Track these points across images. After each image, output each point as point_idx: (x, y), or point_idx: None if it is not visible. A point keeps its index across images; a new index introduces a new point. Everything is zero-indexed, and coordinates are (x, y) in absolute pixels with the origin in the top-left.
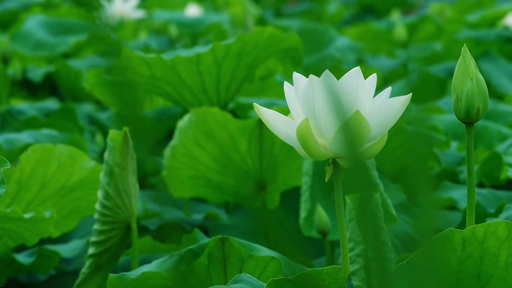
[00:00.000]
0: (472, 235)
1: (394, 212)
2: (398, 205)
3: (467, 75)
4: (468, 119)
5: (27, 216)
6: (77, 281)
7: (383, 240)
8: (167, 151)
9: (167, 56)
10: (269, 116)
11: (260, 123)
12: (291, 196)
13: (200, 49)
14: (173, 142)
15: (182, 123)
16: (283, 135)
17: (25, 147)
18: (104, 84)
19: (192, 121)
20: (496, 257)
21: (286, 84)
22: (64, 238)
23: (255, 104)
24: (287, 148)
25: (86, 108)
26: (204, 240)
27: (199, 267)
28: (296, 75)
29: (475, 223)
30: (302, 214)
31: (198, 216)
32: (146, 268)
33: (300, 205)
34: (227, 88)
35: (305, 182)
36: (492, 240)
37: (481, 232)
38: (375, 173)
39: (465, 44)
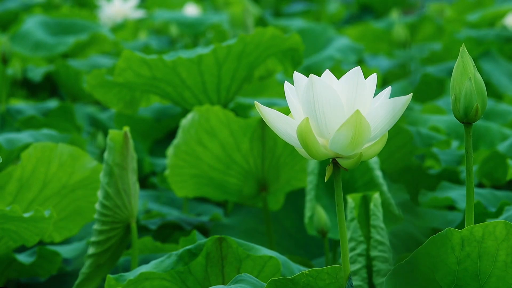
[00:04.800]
0: (471, 235)
1: (397, 211)
2: (398, 205)
3: (466, 75)
4: (466, 119)
5: (26, 215)
6: (77, 281)
7: (381, 240)
8: (170, 150)
9: (168, 57)
10: (270, 115)
11: (263, 123)
12: (292, 197)
13: (201, 50)
14: (176, 141)
15: (185, 121)
16: (284, 134)
17: (25, 147)
18: (104, 85)
19: (195, 119)
20: (495, 257)
21: (286, 84)
22: (64, 240)
23: (256, 102)
24: (290, 148)
25: (87, 108)
26: (202, 240)
27: (196, 267)
28: (297, 75)
29: (476, 222)
30: (307, 213)
31: (198, 216)
32: (144, 268)
33: (300, 205)
34: (227, 88)
35: (310, 181)
36: (490, 240)
37: (480, 232)
38: (378, 173)
39: (463, 44)
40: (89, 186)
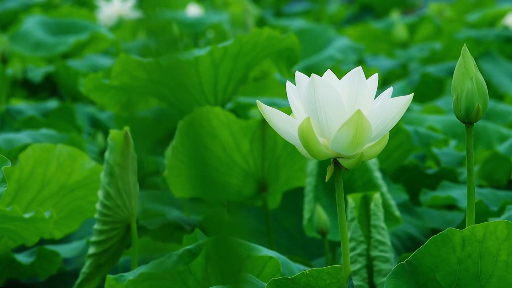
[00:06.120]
0: (472, 235)
1: (397, 213)
2: (399, 205)
3: (467, 75)
4: (468, 119)
5: (26, 216)
6: (78, 281)
7: (382, 240)
8: (168, 151)
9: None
10: (271, 114)
11: (263, 123)
12: (292, 196)
13: (198, 52)
14: (174, 142)
15: (183, 123)
16: (285, 133)
17: (24, 147)
18: (100, 88)
19: (194, 121)
20: (496, 257)
21: (288, 83)
22: (64, 239)
23: (258, 101)
24: (290, 149)
25: (86, 108)
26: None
27: (196, 267)
28: (299, 74)
29: (478, 221)
30: (306, 214)
31: (198, 216)
32: (143, 268)
33: (300, 204)
34: (224, 88)
35: (309, 182)
36: (491, 240)
37: (481, 232)
38: (378, 174)
39: (465, 44)
40: (87, 186)
